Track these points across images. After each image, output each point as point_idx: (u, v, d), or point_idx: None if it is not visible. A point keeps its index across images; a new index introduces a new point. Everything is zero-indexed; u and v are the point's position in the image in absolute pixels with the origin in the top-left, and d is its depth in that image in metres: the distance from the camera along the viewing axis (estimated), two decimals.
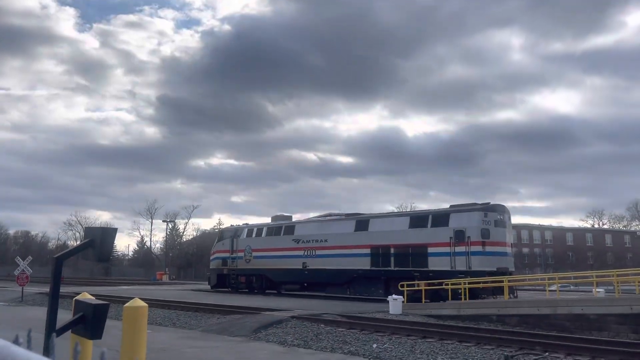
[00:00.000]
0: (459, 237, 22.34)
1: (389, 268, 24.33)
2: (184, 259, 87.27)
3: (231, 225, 37.51)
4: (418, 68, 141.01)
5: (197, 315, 18.59)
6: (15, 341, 0.62)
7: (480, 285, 20.29)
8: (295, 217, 33.28)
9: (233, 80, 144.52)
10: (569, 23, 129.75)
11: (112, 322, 9.24)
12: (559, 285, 21.12)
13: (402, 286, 20.88)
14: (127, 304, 4.92)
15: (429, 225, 23.69)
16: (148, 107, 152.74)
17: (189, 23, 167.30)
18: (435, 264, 22.86)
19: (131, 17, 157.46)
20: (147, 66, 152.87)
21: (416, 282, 21.60)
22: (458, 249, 22.23)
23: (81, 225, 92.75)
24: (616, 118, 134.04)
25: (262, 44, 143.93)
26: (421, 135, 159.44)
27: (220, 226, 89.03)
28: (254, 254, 30.47)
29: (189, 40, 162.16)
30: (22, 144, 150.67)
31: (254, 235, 31.20)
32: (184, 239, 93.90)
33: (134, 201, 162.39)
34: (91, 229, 5.31)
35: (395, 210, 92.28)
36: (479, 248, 21.85)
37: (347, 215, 28.95)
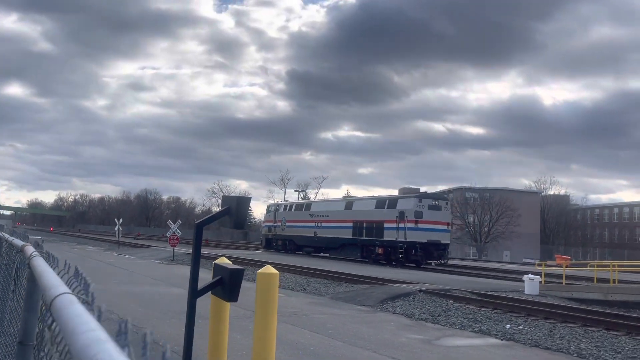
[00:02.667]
0: (402, 216, 29.42)
1: (362, 237, 32.10)
2: None
3: (275, 201, 53.66)
4: (558, 31, 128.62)
5: (326, 282, 19.19)
6: (120, 329, 0.56)
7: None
8: (423, 189, 35.03)
9: (359, 53, 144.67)
10: None
11: (250, 284, 9.85)
12: None
13: (541, 265, 19.61)
14: (259, 271, 5.14)
15: (386, 207, 31.11)
16: (279, 81, 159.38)
17: None
18: (387, 236, 30.13)
19: None
20: (277, 42, 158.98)
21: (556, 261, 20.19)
22: (401, 225, 29.38)
23: (223, 193, 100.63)
24: None
25: (387, 14, 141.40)
26: (561, 104, 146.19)
27: (350, 195, 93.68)
28: (287, 224, 39.32)
29: (315, 15, 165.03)
30: (170, 118, 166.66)
31: (287, 210, 40.56)
32: None
33: (269, 171, 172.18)
34: (228, 198, 5.60)
35: (532, 185, 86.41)
36: (413, 225, 29.10)
37: (344, 197, 41.19)
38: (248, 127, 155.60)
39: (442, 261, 30.27)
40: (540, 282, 18.00)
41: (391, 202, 31.33)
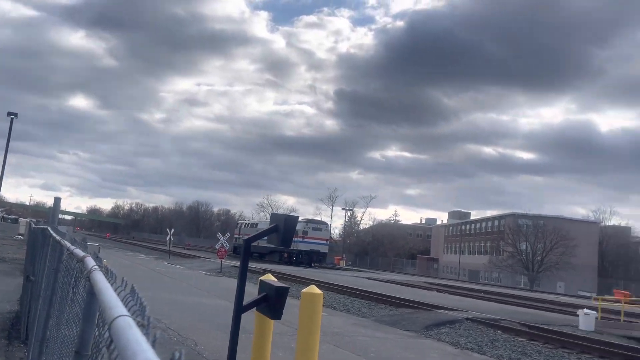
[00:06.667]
0: (296, 233, 42.51)
1: (278, 247, 45.20)
2: (360, 246, 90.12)
3: (239, 221, 73.03)
4: (616, 56, 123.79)
5: (370, 304, 18.98)
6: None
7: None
8: (473, 215, 36.08)
9: (407, 74, 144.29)
10: None
11: (294, 301, 9.87)
12: None
13: (597, 300, 18.66)
14: (304, 290, 5.16)
15: None
16: (327, 100, 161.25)
17: (363, 21, 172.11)
18: (292, 246, 39.92)
19: (312, 18, 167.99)
20: (325, 63, 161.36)
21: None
22: (295, 239, 46.07)
23: (271, 207, 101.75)
24: None
25: (436, 37, 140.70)
26: (618, 131, 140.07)
27: (396, 217, 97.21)
28: (244, 236, 50.16)
29: (364, 38, 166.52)
30: (223, 133, 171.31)
31: (245, 227, 58.45)
32: (361, 227, 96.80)
33: (316, 188, 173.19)
34: (276, 216, 5.66)
35: (590, 215, 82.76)
36: (301, 239, 45.35)
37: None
38: (297, 144, 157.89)
39: (321, 264, 48.73)
40: (597, 318, 17.11)
41: None
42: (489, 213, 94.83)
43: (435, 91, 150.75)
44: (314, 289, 5.28)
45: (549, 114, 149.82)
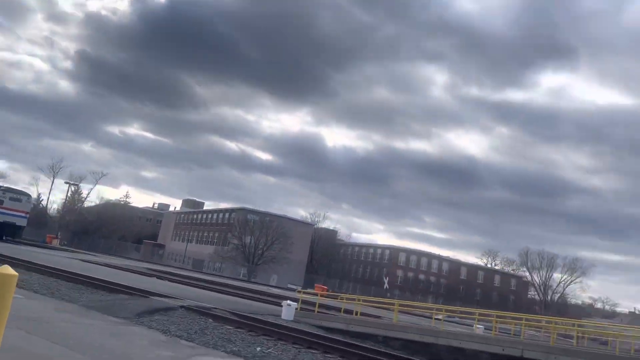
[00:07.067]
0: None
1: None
2: (82, 225, 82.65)
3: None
4: (348, 82, 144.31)
5: (81, 288, 17.59)
6: None
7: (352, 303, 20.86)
8: (207, 205, 36.15)
9: (160, 53, 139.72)
10: (492, 73, 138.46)
11: None
12: (445, 316, 22.23)
13: (299, 292, 21.09)
14: None
15: None
16: (65, 59, 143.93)
17: None
18: None
19: None
20: (69, 17, 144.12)
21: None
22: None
23: None
24: (518, 169, 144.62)
25: (196, 22, 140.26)
26: (340, 147, 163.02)
27: (127, 198, 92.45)
28: None
29: (118, 3, 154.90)
30: None
31: None
32: (86, 205, 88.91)
33: (38, 155, 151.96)
34: None
35: (308, 217, 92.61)
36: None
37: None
38: (19, 101, 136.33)
39: (16, 239, 43.75)
40: (297, 309, 19.32)
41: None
42: (223, 205, 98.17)
43: (187, 77, 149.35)
44: (7, 269, 4.66)
45: (289, 121, 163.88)
